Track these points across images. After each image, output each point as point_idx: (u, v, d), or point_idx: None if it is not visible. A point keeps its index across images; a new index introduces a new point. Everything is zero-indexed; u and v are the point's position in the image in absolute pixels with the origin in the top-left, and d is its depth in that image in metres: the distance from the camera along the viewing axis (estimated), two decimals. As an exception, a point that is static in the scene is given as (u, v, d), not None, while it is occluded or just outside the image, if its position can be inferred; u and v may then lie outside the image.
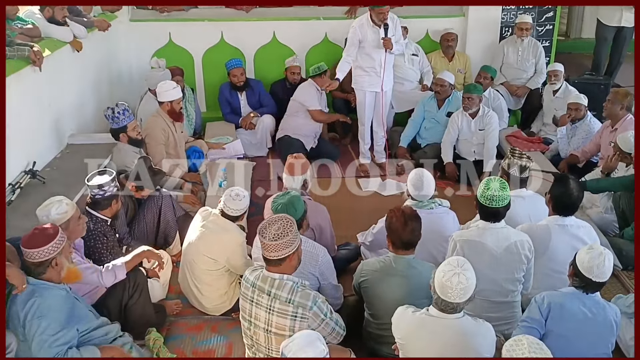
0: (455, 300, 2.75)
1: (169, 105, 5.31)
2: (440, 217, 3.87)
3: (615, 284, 4.25)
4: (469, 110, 5.75)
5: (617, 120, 5.25)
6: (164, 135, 5.32)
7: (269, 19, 6.94)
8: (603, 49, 7.33)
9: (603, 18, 7.20)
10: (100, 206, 3.79)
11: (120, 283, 3.53)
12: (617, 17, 7.07)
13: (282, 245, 2.94)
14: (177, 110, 5.35)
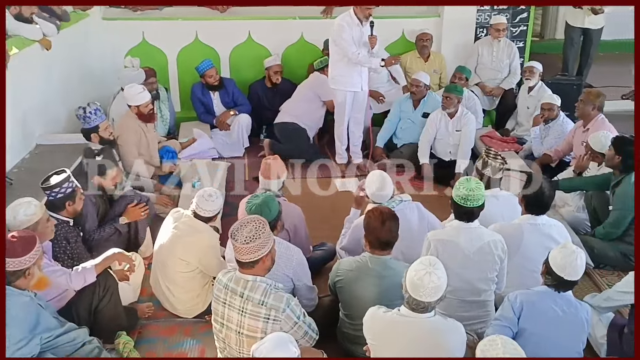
0: (427, 299, 2.75)
1: (137, 109, 5.26)
2: (404, 213, 3.86)
3: (587, 282, 4.30)
4: (447, 109, 5.77)
5: (589, 121, 5.30)
6: (136, 136, 5.26)
7: (244, 18, 6.89)
8: (571, 49, 7.43)
9: (569, 19, 7.31)
10: (56, 207, 3.72)
11: (90, 286, 3.47)
12: (580, 19, 7.16)
13: (255, 248, 2.91)
14: (145, 113, 5.29)
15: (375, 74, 6.30)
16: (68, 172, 3.79)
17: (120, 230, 4.33)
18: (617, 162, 4.34)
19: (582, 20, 7.13)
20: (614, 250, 4.39)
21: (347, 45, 5.44)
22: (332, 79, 5.78)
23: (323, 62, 6.29)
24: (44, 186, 3.69)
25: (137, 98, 5.24)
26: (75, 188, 3.78)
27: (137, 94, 5.25)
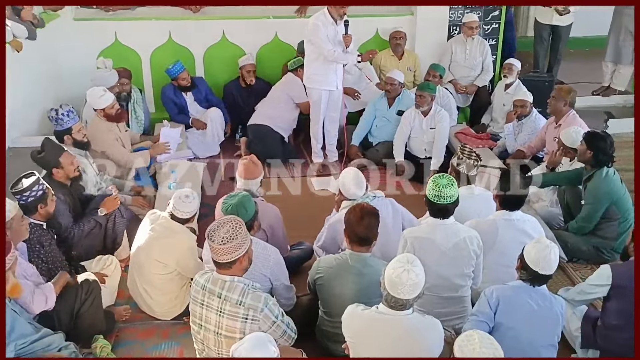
0: (405, 296, 2.77)
1: (102, 112, 5.21)
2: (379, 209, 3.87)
3: (561, 276, 4.38)
4: (421, 107, 5.81)
5: (561, 117, 5.38)
6: (112, 134, 5.22)
7: (218, 18, 6.84)
8: (541, 46, 7.52)
9: (538, 16, 7.41)
10: (29, 211, 3.67)
11: (73, 289, 3.48)
12: (549, 16, 7.26)
13: (232, 249, 2.91)
14: (112, 113, 5.24)
15: (348, 75, 6.32)
16: (37, 175, 3.73)
17: (100, 222, 4.28)
18: (588, 157, 4.41)
19: (551, 17, 7.23)
20: (586, 244, 4.47)
21: (322, 43, 5.45)
22: (308, 78, 5.78)
23: (297, 63, 6.28)
24: (14, 190, 3.64)
25: (101, 101, 5.19)
26: (45, 190, 3.73)
27: (100, 97, 5.19)
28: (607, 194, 4.34)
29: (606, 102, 7.48)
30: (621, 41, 7.11)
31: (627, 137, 6.85)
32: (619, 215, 4.38)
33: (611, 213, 4.38)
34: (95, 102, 5.22)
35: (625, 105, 7.52)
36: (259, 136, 6.16)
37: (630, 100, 7.54)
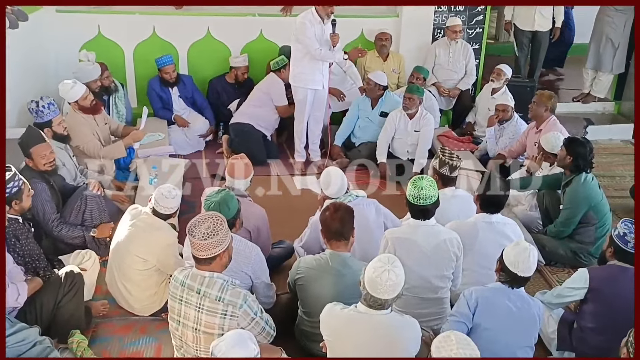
0: (384, 296, 2.78)
1: (77, 105, 5.14)
2: (361, 209, 3.88)
3: (539, 279, 4.43)
4: (409, 110, 5.82)
5: (542, 122, 5.44)
6: (90, 127, 5.16)
7: (203, 14, 6.81)
8: (521, 52, 7.61)
9: (519, 23, 7.48)
10: None
11: (57, 280, 3.47)
12: (530, 22, 7.35)
13: (212, 245, 2.91)
14: (87, 105, 5.16)
15: (333, 75, 6.33)
16: (13, 170, 3.67)
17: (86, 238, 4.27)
18: (568, 163, 4.46)
19: (531, 23, 7.31)
20: (564, 248, 4.53)
21: (309, 42, 5.45)
22: (294, 77, 5.77)
23: (280, 63, 6.25)
24: None
25: (72, 94, 5.10)
26: (21, 186, 3.65)
27: (70, 89, 5.10)
28: (585, 199, 4.39)
29: (586, 109, 7.58)
30: (602, 49, 7.20)
31: (605, 144, 6.97)
32: (597, 220, 4.43)
33: (589, 218, 4.43)
34: (67, 95, 5.14)
35: (604, 112, 7.64)
36: (241, 135, 6.15)
37: (610, 108, 7.67)
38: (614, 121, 7.42)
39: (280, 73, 6.24)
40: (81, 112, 5.15)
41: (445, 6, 7.09)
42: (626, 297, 3.31)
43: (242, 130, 6.16)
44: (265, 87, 6.33)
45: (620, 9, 6.94)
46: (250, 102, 6.34)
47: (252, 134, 6.12)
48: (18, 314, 3.34)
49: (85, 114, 5.17)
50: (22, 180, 3.68)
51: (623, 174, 6.26)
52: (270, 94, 6.27)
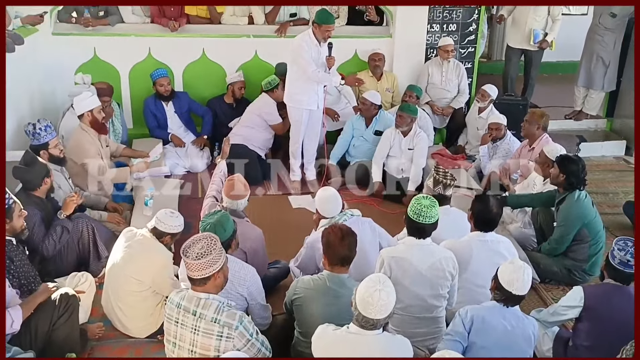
0: (376, 316, 2.79)
1: (90, 115, 5.16)
2: (356, 227, 3.83)
3: (534, 296, 4.45)
4: (400, 127, 5.86)
5: (535, 140, 5.49)
6: (94, 147, 5.19)
7: (198, 35, 6.87)
8: (510, 70, 7.72)
9: (509, 41, 7.63)
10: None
11: (52, 301, 3.43)
12: (519, 40, 7.45)
13: (206, 264, 2.93)
14: (99, 119, 5.21)
15: (328, 95, 6.39)
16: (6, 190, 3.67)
17: (67, 226, 4.22)
18: (561, 180, 4.49)
19: (522, 41, 7.41)
20: (558, 266, 4.55)
21: (306, 63, 5.51)
22: (289, 97, 5.82)
23: (272, 83, 6.30)
24: None
25: (88, 102, 5.16)
26: (12, 205, 3.62)
27: (89, 97, 5.17)
28: (578, 216, 4.43)
29: (578, 126, 7.66)
30: (593, 67, 7.31)
31: (598, 160, 7.04)
32: (590, 238, 4.46)
33: (582, 235, 4.46)
34: (82, 104, 5.17)
35: (596, 129, 7.73)
36: (235, 156, 6.11)
37: (602, 125, 7.74)
38: (606, 138, 7.50)
39: (273, 93, 6.29)
40: (90, 126, 5.18)
41: (437, 26, 7.19)
42: (621, 316, 3.34)
43: (237, 151, 6.15)
44: (257, 108, 6.37)
45: (610, 27, 7.06)
46: (243, 124, 6.37)
47: (247, 155, 6.14)
48: (12, 337, 3.33)
49: (94, 130, 5.21)
50: (12, 199, 3.66)
51: (616, 190, 6.31)
52: (263, 115, 6.31)
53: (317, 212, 4.18)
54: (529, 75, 7.64)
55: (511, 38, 7.61)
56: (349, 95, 6.89)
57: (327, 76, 5.61)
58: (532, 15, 7.24)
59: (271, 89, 6.30)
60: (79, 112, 5.21)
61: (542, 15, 7.25)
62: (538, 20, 7.27)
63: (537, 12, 7.23)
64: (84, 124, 5.21)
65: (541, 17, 7.26)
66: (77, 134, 5.24)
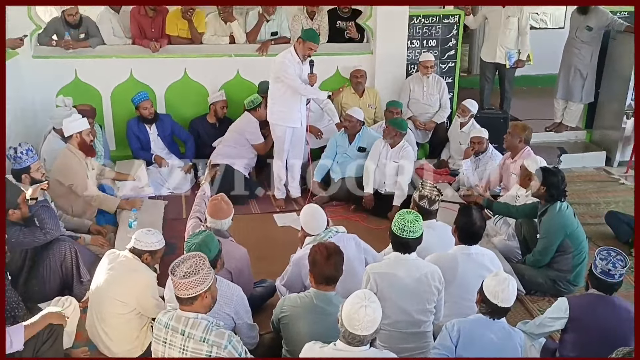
0: (362, 332, 2.78)
1: (79, 137, 5.15)
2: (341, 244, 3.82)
3: (520, 308, 4.47)
4: (385, 139, 5.89)
5: (517, 153, 5.54)
6: (82, 169, 5.18)
7: (179, 55, 6.89)
8: (484, 83, 7.83)
9: (483, 56, 7.75)
10: None
11: None
12: (491, 55, 7.56)
13: (194, 283, 2.91)
14: (88, 142, 5.20)
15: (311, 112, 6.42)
16: None
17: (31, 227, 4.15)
18: (542, 192, 4.54)
19: (495, 56, 7.52)
20: (543, 277, 4.58)
21: (292, 78, 5.54)
22: (272, 115, 5.84)
23: (255, 102, 6.32)
24: None
25: (78, 124, 5.17)
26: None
27: (78, 119, 5.17)
28: (561, 227, 4.46)
29: (559, 138, 7.76)
30: (570, 79, 7.42)
31: (579, 172, 7.12)
32: (573, 249, 4.50)
33: (565, 246, 4.50)
34: (71, 126, 5.16)
35: (576, 140, 7.83)
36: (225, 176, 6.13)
37: (582, 136, 7.85)
38: (586, 149, 7.60)
39: (256, 112, 6.31)
40: (79, 148, 5.17)
41: (417, 42, 7.29)
42: (606, 326, 3.37)
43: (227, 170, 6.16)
44: (239, 128, 6.37)
45: (586, 40, 7.19)
46: (226, 143, 6.37)
47: (231, 174, 6.13)
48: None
49: (81, 152, 5.19)
50: None
51: (597, 201, 6.38)
52: (245, 134, 6.31)
53: (302, 230, 4.18)
54: (504, 89, 7.74)
55: (484, 53, 7.73)
56: (331, 113, 6.92)
57: (314, 90, 5.65)
58: (503, 30, 7.36)
59: (254, 107, 6.32)
60: (67, 133, 5.20)
61: (512, 28, 7.36)
62: (508, 35, 7.37)
63: (507, 26, 7.35)
64: (72, 146, 5.19)
65: (512, 30, 7.37)
66: (65, 155, 5.23)
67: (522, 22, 7.34)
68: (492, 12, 7.45)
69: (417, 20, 7.25)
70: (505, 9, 7.31)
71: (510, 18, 7.32)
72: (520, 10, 7.31)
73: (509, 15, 7.31)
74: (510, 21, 7.33)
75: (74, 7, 6.59)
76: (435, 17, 7.33)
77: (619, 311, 3.39)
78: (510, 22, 7.33)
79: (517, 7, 7.31)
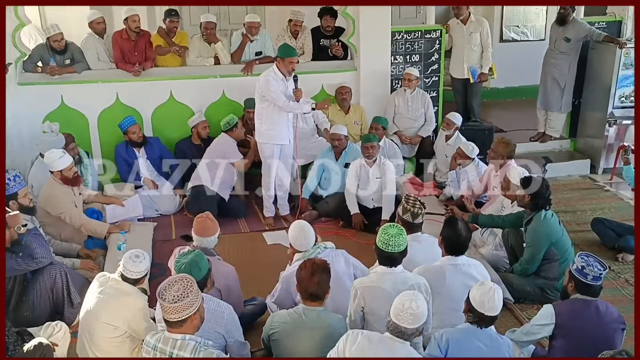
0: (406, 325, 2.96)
1: (60, 174, 5.16)
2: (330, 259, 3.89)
3: (509, 316, 4.50)
4: (373, 157, 5.93)
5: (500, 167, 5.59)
6: (69, 197, 5.19)
7: (165, 78, 6.93)
8: (457, 98, 7.95)
9: (451, 72, 7.88)
10: None
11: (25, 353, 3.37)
12: (459, 71, 7.69)
13: (183, 307, 2.93)
14: (70, 176, 5.20)
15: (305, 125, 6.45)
16: None
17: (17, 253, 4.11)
18: (527, 202, 4.60)
19: (462, 72, 7.64)
20: (531, 285, 4.61)
21: (276, 96, 5.59)
22: (260, 134, 5.87)
23: (231, 123, 6.32)
24: None
25: (60, 163, 5.15)
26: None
27: (59, 158, 5.16)
28: (546, 235, 4.52)
29: (544, 148, 7.85)
30: (549, 90, 7.53)
31: (564, 180, 7.21)
32: (559, 256, 4.55)
33: (552, 254, 4.55)
34: (53, 164, 5.16)
35: (561, 149, 7.92)
36: (195, 196, 6.13)
37: (566, 145, 7.95)
38: (571, 158, 7.69)
39: (232, 132, 6.33)
40: (61, 182, 5.17)
41: (400, 57, 7.38)
42: (592, 330, 3.43)
43: (198, 191, 6.17)
44: (217, 149, 6.34)
45: (564, 51, 7.31)
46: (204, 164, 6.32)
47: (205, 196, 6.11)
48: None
49: (65, 185, 5.19)
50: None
51: (583, 208, 6.44)
52: (224, 155, 6.27)
53: (291, 247, 4.21)
54: (471, 102, 7.81)
55: (452, 70, 7.85)
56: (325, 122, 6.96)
57: (298, 105, 5.67)
58: (467, 46, 7.49)
59: (230, 128, 6.34)
60: (50, 169, 5.21)
61: (476, 44, 7.50)
62: (472, 50, 7.50)
63: (470, 42, 7.48)
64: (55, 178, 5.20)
65: (475, 45, 7.49)
66: (51, 185, 5.23)
67: (484, 37, 7.49)
68: (455, 30, 7.59)
69: (400, 36, 7.35)
70: (467, 26, 7.47)
71: (473, 34, 7.48)
72: (481, 25, 7.48)
73: (471, 32, 7.47)
74: (473, 37, 7.48)
75: (59, 34, 6.63)
76: (417, 33, 7.43)
77: (604, 315, 3.45)
78: (473, 38, 7.48)
79: (478, 23, 7.49)
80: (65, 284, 4.31)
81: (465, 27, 7.48)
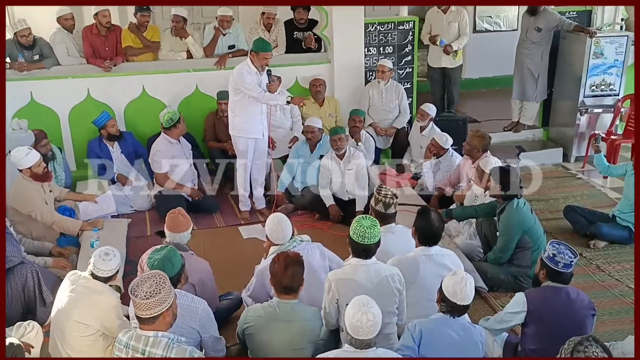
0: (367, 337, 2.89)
1: (29, 171, 5.09)
2: (306, 253, 3.92)
3: (483, 305, 4.55)
4: (342, 150, 5.94)
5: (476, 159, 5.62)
6: (39, 194, 5.11)
7: (137, 73, 6.86)
8: (434, 88, 8.00)
9: (429, 61, 7.93)
10: None
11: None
12: (437, 60, 7.75)
13: (155, 303, 2.90)
14: (39, 172, 5.12)
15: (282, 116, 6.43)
16: None
17: None
18: (499, 191, 4.65)
19: (440, 60, 7.69)
20: (504, 274, 4.66)
21: (251, 87, 5.56)
22: (234, 127, 5.84)
23: (174, 119, 6.02)
24: None
25: (27, 160, 5.07)
26: None
27: (25, 156, 5.07)
28: (518, 224, 4.56)
29: (517, 137, 7.93)
30: (524, 80, 7.60)
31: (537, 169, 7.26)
32: (532, 244, 4.60)
33: (524, 242, 4.59)
34: (21, 162, 5.07)
35: (534, 139, 8.01)
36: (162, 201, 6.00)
37: (539, 134, 8.04)
38: (544, 147, 7.78)
39: (175, 129, 6.06)
40: (31, 179, 5.09)
41: (374, 49, 7.38)
42: (563, 316, 3.47)
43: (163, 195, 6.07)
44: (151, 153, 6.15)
45: (536, 41, 7.37)
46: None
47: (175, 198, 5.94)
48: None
49: (35, 182, 5.11)
50: None
51: (556, 196, 6.52)
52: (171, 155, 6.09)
53: (267, 240, 4.20)
54: (450, 92, 7.88)
55: (430, 59, 7.91)
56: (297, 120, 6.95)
57: (273, 96, 5.66)
58: (446, 35, 7.55)
59: (174, 124, 6.04)
60: (18, 167, 5.12)
61: (454, 33, 7.59)
62: (451, 40, 7.56)
63: (449, 31, 7.57)
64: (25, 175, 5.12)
65: (454, 35, 7.59)
66: (20, 183, 5.14)
67: (462, 26, 7.58)
68: (435, 19, 7.64)
69: (373, 28, 7.36)
70: (447, 15, 7.54)
71: (452, 23, 7.56)
72: (460, 14, 7.58)
73: (450, 21, 7.56)
74: (452, 26, 7.56)
75: (26, 29, 6.52)
76: (391, 24, 7.43)
77: (575, 301, 3.50)
78: (452, 27, 7.56)
79: (457, 12, 7.57)
80: (36, 283, 4.26)
81: (445, 16, 7.54)
